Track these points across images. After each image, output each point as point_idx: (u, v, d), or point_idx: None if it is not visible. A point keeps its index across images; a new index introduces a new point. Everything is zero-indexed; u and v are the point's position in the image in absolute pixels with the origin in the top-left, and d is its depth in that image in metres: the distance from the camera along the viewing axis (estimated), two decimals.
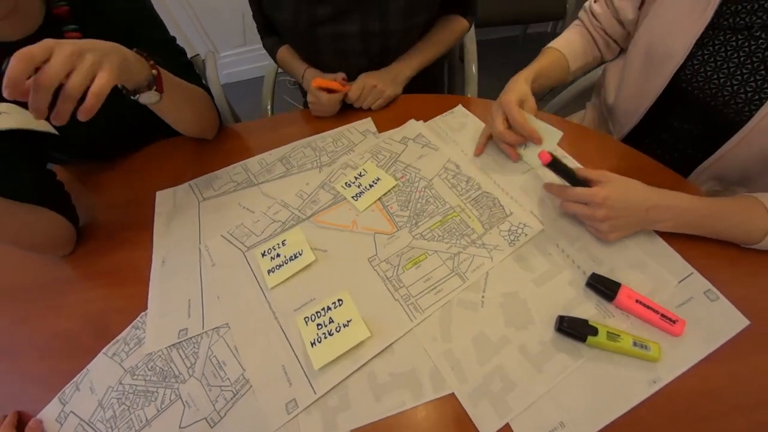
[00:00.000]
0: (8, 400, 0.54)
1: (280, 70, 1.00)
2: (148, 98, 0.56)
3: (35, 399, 0.54)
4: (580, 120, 0.90)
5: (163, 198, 0.71)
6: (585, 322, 0.46)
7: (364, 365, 0.48)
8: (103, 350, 0.55)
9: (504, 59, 2.03)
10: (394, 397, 0.46)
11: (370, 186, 0.64)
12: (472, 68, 0.98)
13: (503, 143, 0.63)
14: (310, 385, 0.47)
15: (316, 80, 0.72)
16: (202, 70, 1.01)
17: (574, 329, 0.46)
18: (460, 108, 0.74)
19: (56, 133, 0.43)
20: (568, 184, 0.54)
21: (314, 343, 0.49)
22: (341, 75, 0.76)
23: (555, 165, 0.52)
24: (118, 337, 0.56)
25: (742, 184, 0.64)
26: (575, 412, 0.43)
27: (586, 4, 0.75)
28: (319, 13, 0.72)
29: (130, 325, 0.57)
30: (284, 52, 0.87)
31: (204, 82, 0.81)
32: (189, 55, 0.78)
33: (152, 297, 0.59)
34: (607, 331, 0.46)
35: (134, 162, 0.80)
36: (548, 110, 1.00)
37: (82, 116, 0.44)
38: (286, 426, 0.45)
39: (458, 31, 0.85)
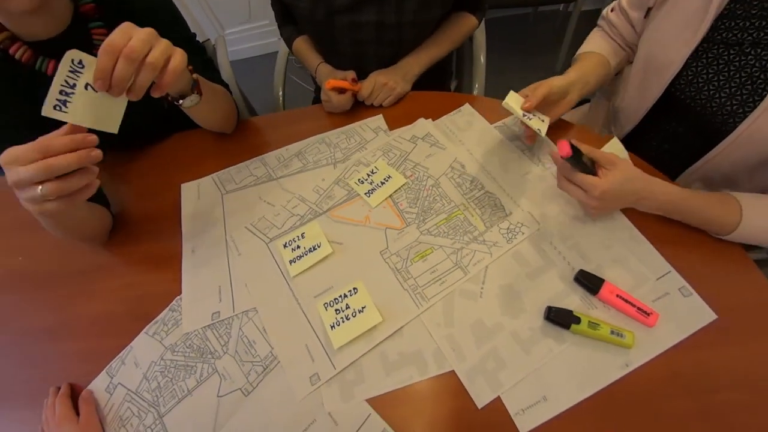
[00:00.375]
0: (60, 375, 0.61)
1: (290, 56, 1.02)
2: (190, 102, 0.60)
3: (85, 373, 0.60)
4: (583, 114, 0.94)
5: (188, 190, 0.77)
6: (570, 312, 0.53)
7: (376, 345, 0.55)
8: (144, 330, 0.62)
9: (514, 38, 2.02)
10: (402, 372, 0.53)
11: (382, 183, 0.69)
12: (481, 59, 1.01)
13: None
14: (330, 361, 0.54)
15: (328, 82, 0.76)
16: (213, 54, 1.04)
17: (560, 318, 0.53)
18: (467, 107, 0.78)
19: (115, 131, 0.47)
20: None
21: (333, 326, 0.56)
22: (351, 74, 0.79)
23: (573, 158, 0.52)
24: (157, 318, 0.63)
25: (727, 186, 0.69)
26: (556, 389, 0.50)
27: (604, 12, 0.78)
28: (336, 3, 0.75)
29: (167, 308, 0.63)
30: (300, 43, 0.90)
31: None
32: (199, 39, 0.80)
33: (185, 283, 0.65)
34: (589, 321, 0.52)
35: (156, 154, 0.84)
36: None
37: (157, 92, 0.49)
38: (311, 396, 0.53)
39: (467, 28, 0.88)
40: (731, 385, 0.49)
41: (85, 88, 0.45)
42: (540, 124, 0.63)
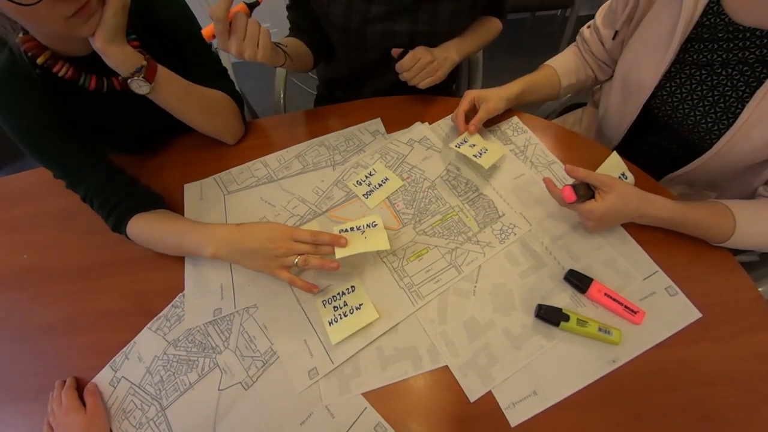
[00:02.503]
0: (67, 369, 0.63)
1: None
2: (137, 86, 0.62)
3: (89, 367, 0.62)
4: (577, 119, 0.96)
5: (191, 191, 0.78)
6: (559, 310, 0.55)
7: (373, 341, 0.57)
8: (148, 325, 0.64)
9: (512, 42, 2.05)
10: (397, 367, 0.55)
11: (380, 185, 0.71)
12: (479, 62, 1.03)
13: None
14: (329, 356, 0.56)
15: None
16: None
17: (549, 315, 0.55)
18: None
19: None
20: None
21: (331, 322, 0.58)
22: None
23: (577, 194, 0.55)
24: (160, 314, 0.64)
25: (711, 189, 0.71)
26: (546, 383, 0.52)
27: (582, 28, 0.80)
28: (372, 12, 0.75)
29: (170, 304, 0.65)
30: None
31: (237, 88, 0.84)
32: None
33: (188, 280, 0.67)
34: (578, 318, 0.54)
35: (161, 156, 0.85)
36: (542, 112, 1.06)
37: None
38: (308, 389, 0.55)
39: (495, 31, 0.90)
40: (714, 380, 0.51)
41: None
42: (487, 158, 0.67)
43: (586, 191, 0.56)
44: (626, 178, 0.60)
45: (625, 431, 0.50)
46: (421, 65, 0.75)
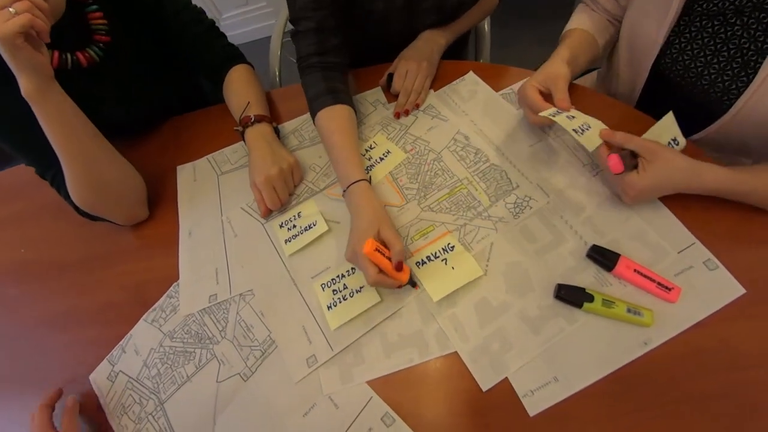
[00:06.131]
0: (65, 363, 0.61)
1: (285, 29, 0.97)
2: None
3: (87, 362, 0.60)
4: (592, 82, 0.88)
5: (184, 172, 0.75)
6: (582, 290, 0.49)
7: (375, 326, 0.53)
8: (143, 317, 0.61)
9: (521, 9, 1.91)
10: (403, 354, 0.51)
11: (381, 159, 0.65)
12: (485, 29, 0.94)
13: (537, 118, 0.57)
14: (328, 343, 0.53)
15: (369, 242, 0.49)
16: None
17: (571, 296, 0.49)
18: (471, 75, 0.73)
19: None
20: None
21: (330, 306, 0.54)
22: (399, 253, 0.50)
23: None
24: (155, 305, 0.62)
25: (743, 154, 0.63)
26: (568, 369, 0.47)
27: None
28: None
29: (165, 294, 0.62)
30: (341, 121, 0.63)
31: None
32: None
33: (182, 266, 0.64)
34: (603, 299, 0.49)
35: (153, 139, 0.82)
36: None
37: None
38: (308, 378, 0.51)
39: (491, 5, 0.82)
40: (758, 363, 0.45)
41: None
42: (590, 136, 0.53)
43: (631, 160, 0.50)
44: (677, 145, 0.53)
45: (658, 419, 0.45)
46: (410, 83, 0.69)
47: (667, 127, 0.54)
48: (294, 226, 0.62)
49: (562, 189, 0.58)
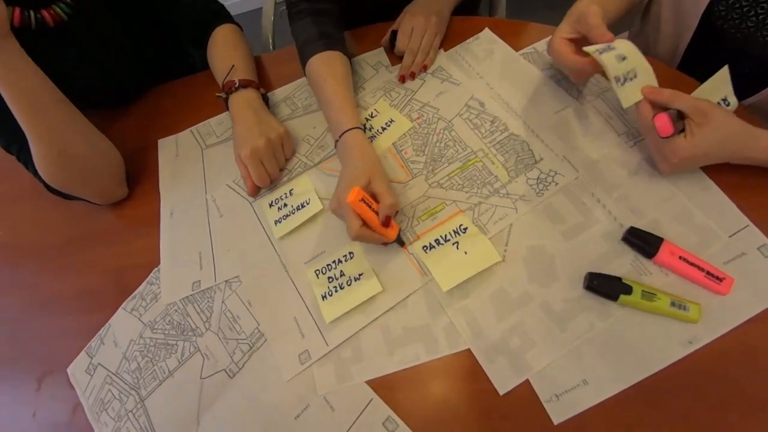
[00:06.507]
0: (43, 354, 0.57)
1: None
2: None
3: (65, 352, 0.56)
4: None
5: (166, 146, 0.68)
6: (618, 280, 0.42)
7: (376, 319, 0.47)
8: (122, 305, 0.56)
9: None
10: (407, 351, 0.45)
11: (383, 129, 0.58)
12: None
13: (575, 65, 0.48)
14: (323, 337, 0.47)
15: (354, 191, 0.44)
16: None
17: (604, 287, 0.42)
18: (486, 33, 0.64)
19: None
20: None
21: (325, 296, 0.48)
22: (389, 207, 0.46)
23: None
24: (135, 293, 0.56)
25: None
26: (600, 370, 0.41)
27: None
28: None
29: (145, 281, 0.57)
30: (337, 66, 0.57)
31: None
32: None
33: (164, 250, 0.58)
34: (642, 290, 0.42)
35: (133, 111, 0.75)
36: None
37: None
38: (301, 376, 0.46)
39: None
40: None
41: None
42: (630, 90, 0.44)
43: (678, 122, 0.42)
44: (728, 105, 0.44)
45: (704, 430, 0.38)
46: (417, 42, 0.60)
47: (720, 84, 0.45)
48: (285, 205, 0.55)
49: (593, 162, 0.50)
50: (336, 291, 0.48)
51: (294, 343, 0.47)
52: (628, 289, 0.42)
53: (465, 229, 0.48)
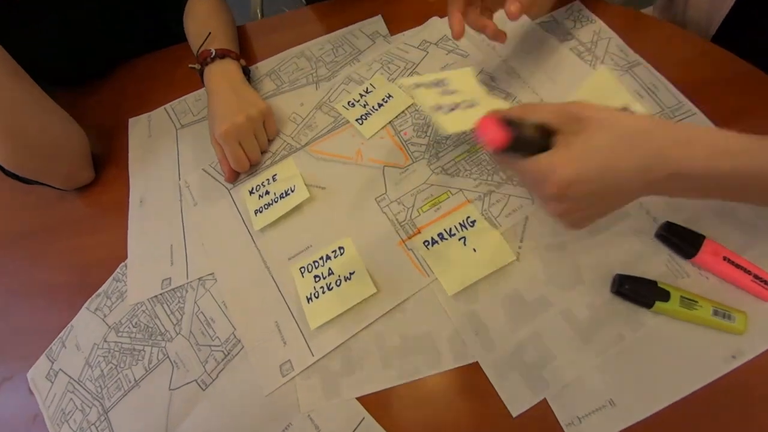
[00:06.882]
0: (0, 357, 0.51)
1: None
2: None
3: (23, 355, 0.50)
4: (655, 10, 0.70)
5: (137, 126, 0.61)
6: (653, 284, 0.36)
7: (370, 325, 0.41)
8: (85, 305, 0.50)
9: None
10: (406, 363, 0.39)
11: (380, 105, 0.51)
12: None
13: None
14: (308, 345, 0.41)
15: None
16: None
17: (637, 292, 0.36)
18: None
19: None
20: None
21: (311, 298, 0.42)
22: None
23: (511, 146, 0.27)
24: (100, 290, 0.50)
25: None
26: (629, 389, 0.35)
27: None
28: None
29: (111, 277, 0.51)
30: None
31: None
32: None
33: (132, 242, 0.52)
34: (681, 296, 0.36)
35: (102, 88, 0.68)
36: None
37: None
38: (282, 390, 0.40)
39: None
40: None
41: None
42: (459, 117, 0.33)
43: (534, 134, 0.29)
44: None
45: None
46: None
47: (605, 87, 0.34)
48: (267, 193, 0.48)
49: None
50: (323, 292, 0.42)
51: (275, 352, 0.41)
52: (665, 295, 0.35)
53: (473, 222, 0.42)
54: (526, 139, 0.28)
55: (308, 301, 0.42)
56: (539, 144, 0.28)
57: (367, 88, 0.52)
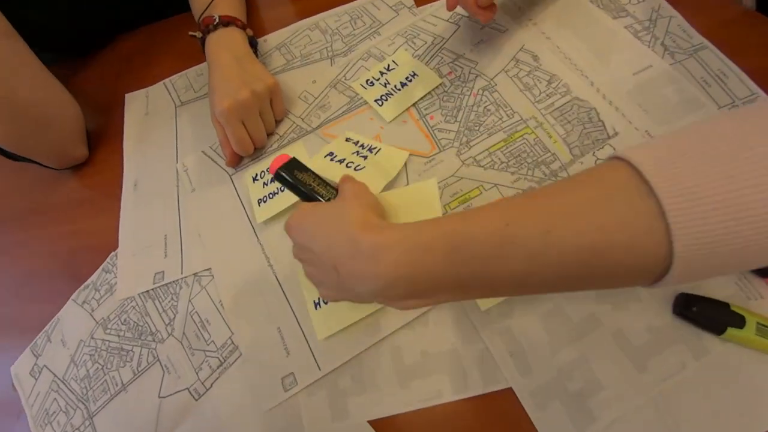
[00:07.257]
0: None
1: None
2: None
3: (6, 349, 0.47)
4: None
5: (134, 102, 0.56)
6: (725, 306, 0.31)
7: (385, 338, 0.36)
8: (72, 296, 0.46)
9: None
10: (426, 384, 0.34)
11: (403, 85, 0.45)
12: None
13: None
14: (314, 358, 0.36)
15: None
16: None
17: (706, 315, 0.31)
18: None
19: None
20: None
21: (319, 303, 0.37)
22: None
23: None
24: (88, 282, 0.46)
25: None
26: (692, 426, 0.30)
27: None
28: None
29: (100, 268, 0.47)
30: None
31: None
32: None
33: (123, 230, 0.47)
34: (758, 322, 0.30)
35: (98, 62, 0.63)
36: None
37: None
38: (284, 406, 0.35)
39: None
40: None
41: None
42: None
43: (310, 182, 0.35)
44: None
45: None
46: None
47: (423, 199, 0.36)
48: (272, 180, 0.43)
49: None
50: None
51: (276, 363, 0.36)
52: (739, 321, 0.30)
53: None
54: (294, 180, 0.34)
55: (316, 307, 0.37)
56: (315, 193, 0.34)
57: (388, 65, 0.46)
